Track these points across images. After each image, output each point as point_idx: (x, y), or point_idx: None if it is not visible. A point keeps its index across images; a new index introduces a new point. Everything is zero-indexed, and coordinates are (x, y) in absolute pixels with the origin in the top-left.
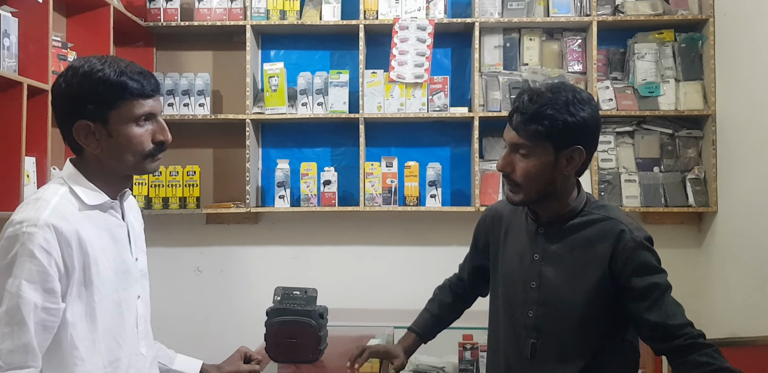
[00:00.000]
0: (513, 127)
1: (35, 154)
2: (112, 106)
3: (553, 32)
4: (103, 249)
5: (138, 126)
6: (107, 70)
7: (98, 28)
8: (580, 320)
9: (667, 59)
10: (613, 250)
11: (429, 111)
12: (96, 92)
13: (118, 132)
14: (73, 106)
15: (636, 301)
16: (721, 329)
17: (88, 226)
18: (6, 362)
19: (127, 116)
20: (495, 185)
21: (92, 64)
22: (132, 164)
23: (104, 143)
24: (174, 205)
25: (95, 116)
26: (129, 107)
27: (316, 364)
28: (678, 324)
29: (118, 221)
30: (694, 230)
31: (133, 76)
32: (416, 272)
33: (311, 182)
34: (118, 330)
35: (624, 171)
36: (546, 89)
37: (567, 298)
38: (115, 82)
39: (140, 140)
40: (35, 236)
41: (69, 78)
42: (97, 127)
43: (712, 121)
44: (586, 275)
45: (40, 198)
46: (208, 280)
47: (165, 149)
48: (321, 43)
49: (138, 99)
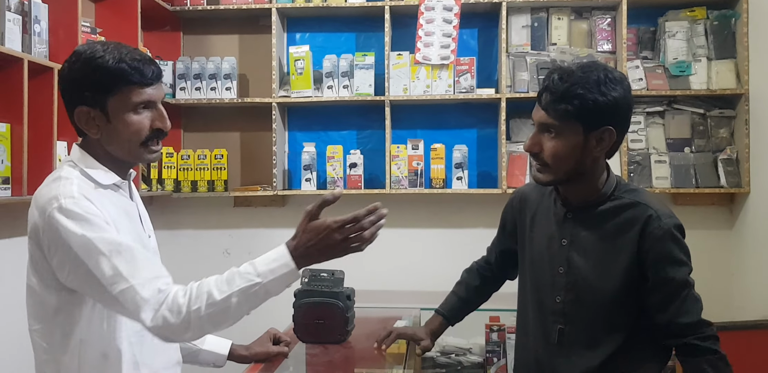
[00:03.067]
0: (542, 106)
1: (67, 139)
2: (109, 93)
3: (582, 11)
4: (122, 225)
5: (136, 113)
6: (107, 57)
7: (126, 13)
8: (608, 306)
9: (699, 37)
10: (641, 236)
11: (455, 93)
12: (94, 79)
13: (116, 118)
14: (74, 91)
15: (649, 291)
16: (754, 312)
17: (106, 203)
18: (142, 278)
19: (125, 103)
20: (522, 167)
21: (94, 50)
22: (130, 151)
23: (103, 129)
24: (202, 188)
25: (94, 102)
26: (127, 94)
27: (344, 345)
28: (689, 323)
29: (128, 200)
30: (726, 212)
31: (133, 63)
32: (443, 254)
33: (337, 165)
34: None
35: (654, 152)
36: (577, 68)
37: (595, 284)
38: (113, 69)
39: (137, 128)
40: (78, 203)
41: (72, 63)
42: (96, 113)
43: (745, 100)
44: (615, 261)
45: (59, 177)
46: (237, 262)
47: (163, 137)
48: (346, 26)
49: (136, 86)
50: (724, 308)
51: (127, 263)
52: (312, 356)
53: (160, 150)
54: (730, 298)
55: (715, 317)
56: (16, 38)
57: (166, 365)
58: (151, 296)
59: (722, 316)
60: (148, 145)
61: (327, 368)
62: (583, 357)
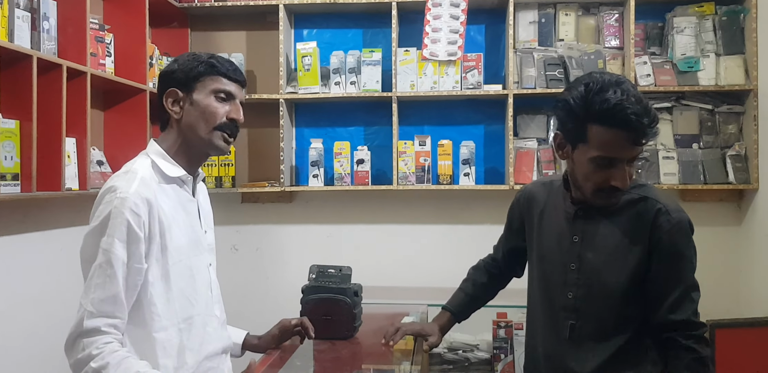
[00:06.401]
0: (640, 141)
1: (75, 136)
2: (198, 78)
3: (590, 7)
4: (176, 219)
5: (216, 100)
6: (203, 55)
7: (134, 9)
8: (620, 301)
9: (707, 33)
10: (651, 230)
11: (462, 89)
12: (190, 66)
13: (199, 101)
14: (170, 77)
15: (650, 283)
16: (762, 308)
17: (164, 198)
18: (97, 310)
19: (209, 88)
20: (529, 163)
21: (194, 53)
22: (204, 134)
23: (185, 110)
24: (210, 184)
25: (183, 86)
26: (212, 81)
27: (351, 341)
28: (678, 320)
29: (190, 196)
30: (734, 208)
31: (222, 61)
32: (450, 250)
33: (344, 161)
34: (190, 291)
35: (662, 148)
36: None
37: (608, 280)
38: (204, 60)
39: (214, 111)
40: (127, 201)
41: (176, 60)
42: (184, 95)
43: (753, 96)
44: (627, 256)
45: (129, 170)
46: (245, 258)
47: (236, 129)
48: (353, 22)
49: (221, 77)
50: (731, 304)
51: (99, 286)
52: (319, 352)
53: (232, 142)
54: (737, 294)
55: (722, 313)
56: (25, 35)
57: (212, 353)
58: (87, 330)
59: (730, 313)
60: (223, 131)
61: (334, 363)
62: (593, 351)
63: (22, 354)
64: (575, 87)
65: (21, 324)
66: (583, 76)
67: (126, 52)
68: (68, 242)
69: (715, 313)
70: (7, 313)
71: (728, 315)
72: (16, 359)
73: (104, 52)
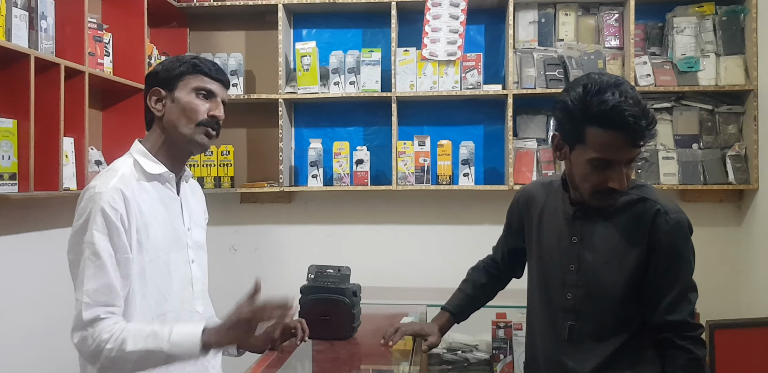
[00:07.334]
0: (638, 143)
1: (73, 135)
2: (180, 77)
3: (589, 7)
4: (155, 216)
5: (198, 97)
6: (187, 56)
7: (133, 9)
8: (619, 301)
9: (708, 33)
10: (650, 231)
11: (462, 89)
12: (173, 66)
13: (180, 98)
14: (154, 77)
15: (648, 283)
16: (762, 309)
17: (143, 195)
18: (93, 300)
19: (191, 86)
20: (529, 164)
21: (180, 55)
22: (185, 130)
23: (167, 107)
24: (209, 184)
25: (166, 84)
26: (194, 80)
27: (350, 341)
28: (675, 321)
29: (173, 194)
30: (734, 208)
31: (204, 61)
32: (449, 251)
33: (344, 161)
34: (164, 287)
35: (662, 148)
36: (628, 89)
37: (606, 280)
38: (187, 60)
39: (195, 108)
40: (104, 195)
41: (162, 62)
42: (167, 93)
43: (753, 96)
44: (626, 257)
45: (110, 169)
46: (243, 258)
47: (218, 126)
48: (353, 22)
49: (203, 75)
50: (731, 305)
51: (90, 277)
52: (318, 352)
53: (214, 138)
54: (737, 295)
55: (722, 314)
56: (23, 34)
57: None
58: (88, 321)
59: (730, 313)
60: (204, 127)
61: (333, 364)
62: (592, 352)
63: (20, 354)
64: (573, 88)
65: (19, 324)
66: (582, 77)
67: (124, 52)
68: (66, 241)
69: (715, 313)
70: (6, 313)
71: (728, 315)
72: (16, 359)
73: (102, 52)
